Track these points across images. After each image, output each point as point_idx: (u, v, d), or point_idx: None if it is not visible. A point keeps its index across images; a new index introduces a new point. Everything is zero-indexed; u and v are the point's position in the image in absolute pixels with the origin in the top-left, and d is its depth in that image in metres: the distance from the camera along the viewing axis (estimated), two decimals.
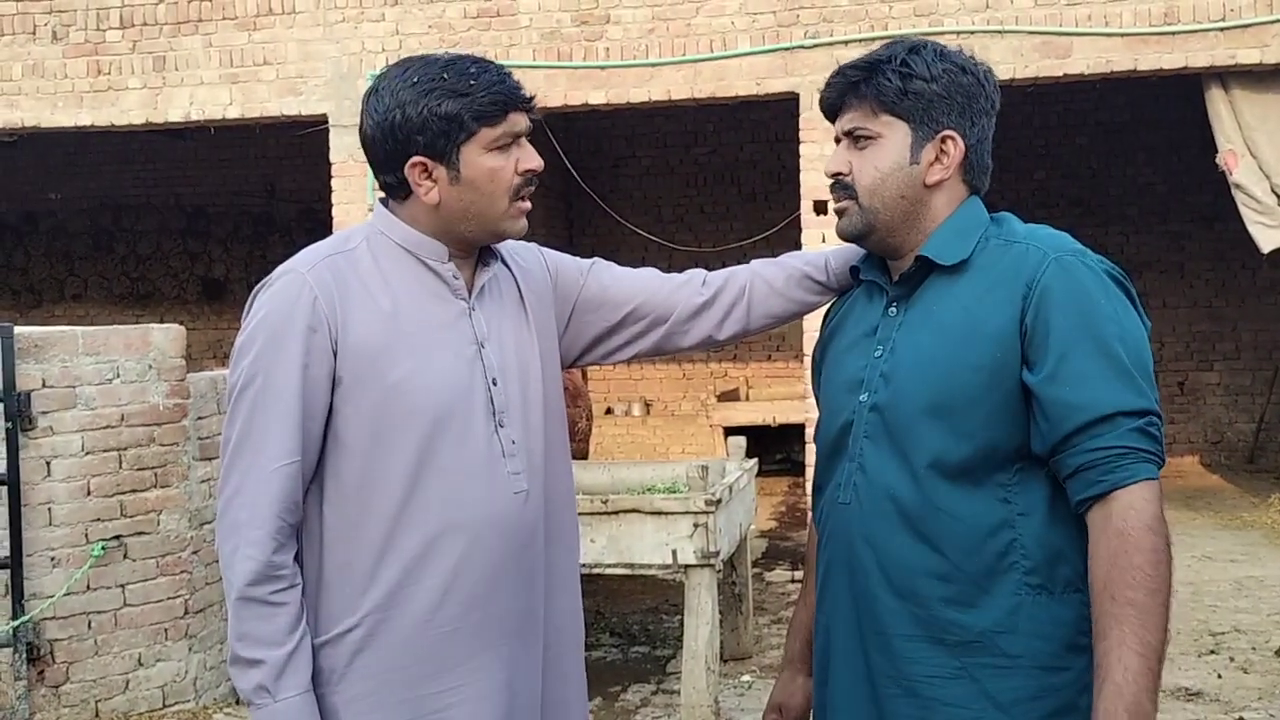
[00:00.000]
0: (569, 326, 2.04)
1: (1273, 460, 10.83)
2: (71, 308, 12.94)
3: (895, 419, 1.77)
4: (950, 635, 1.72)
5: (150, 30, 8.15)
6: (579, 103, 7.66)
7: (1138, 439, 1.64)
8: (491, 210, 1.82)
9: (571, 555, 1.98)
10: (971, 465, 1.71)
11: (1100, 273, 1.73)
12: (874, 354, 1.82)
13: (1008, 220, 1.85)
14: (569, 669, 1.96)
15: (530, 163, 1.83)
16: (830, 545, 1.87)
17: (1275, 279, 10.73)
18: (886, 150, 1.81)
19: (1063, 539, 1.71)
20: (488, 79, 1.78)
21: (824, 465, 1.92)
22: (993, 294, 1.73)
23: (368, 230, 1.88)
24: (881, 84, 1.79)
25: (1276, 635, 5.71)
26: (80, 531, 4.69)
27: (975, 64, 1.84)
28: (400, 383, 1.77)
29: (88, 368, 4.70)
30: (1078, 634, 1.69)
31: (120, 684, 4.78)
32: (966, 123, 1.81)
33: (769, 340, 11.60)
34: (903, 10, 7.23)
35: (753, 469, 5.60)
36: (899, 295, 1.84)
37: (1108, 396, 1.64)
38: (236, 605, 1.74)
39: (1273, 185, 7.03)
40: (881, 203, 1.81)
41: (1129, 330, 1.69)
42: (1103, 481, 1.63)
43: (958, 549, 1.71)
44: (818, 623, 1.92)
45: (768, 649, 5.80)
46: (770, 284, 2.09)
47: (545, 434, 1.90)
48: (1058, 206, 11.06)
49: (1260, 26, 6.84)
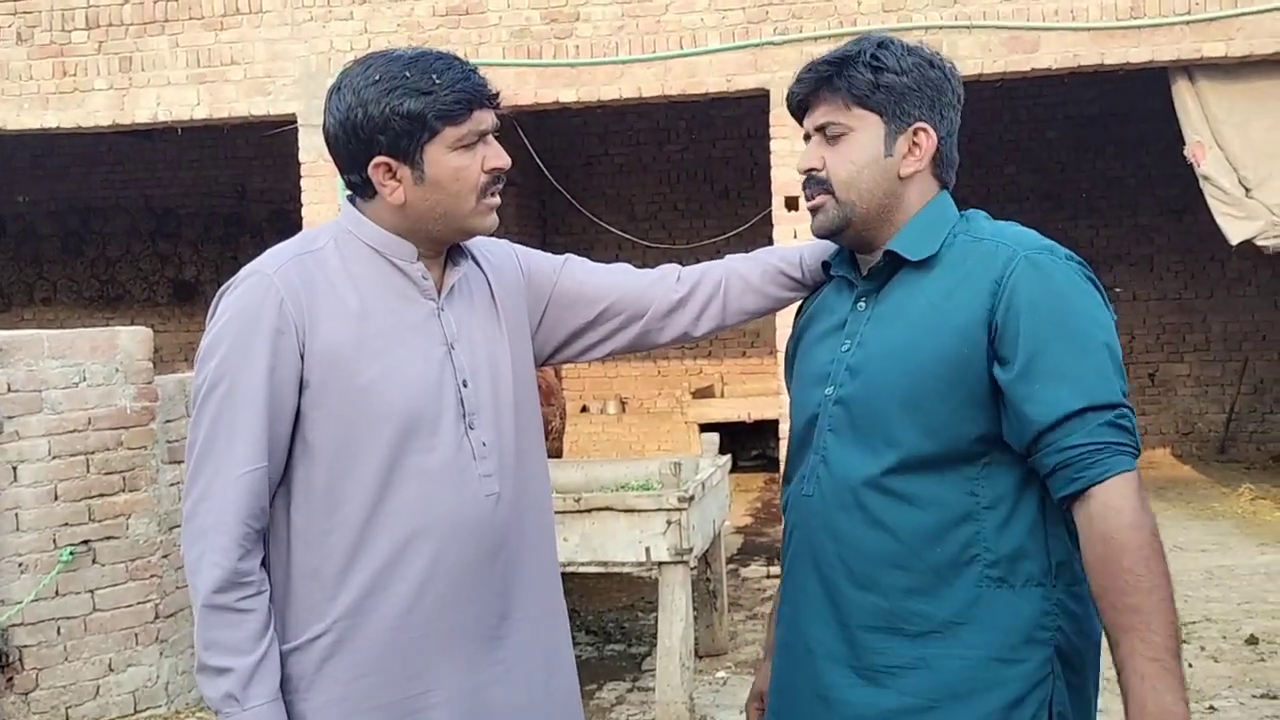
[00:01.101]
0: (542, 323, 2.01)
1: (1243, 450, 10.93)
2: (41, 311, 12.82)
3: (860, 411, 1.77)
4: (910, 625, 1.73)
5: (116, 31, 8.08)
6: (549, 101, 7.64)
7: (1109, 433, 1.65)
8: (458, 209, 1.80)
9: (549, 556, 1.95)
10: (937, 458, 1.72)
11: (1069, 268, 1.74)
12: (841, 348, 1.83)
13: (976, 217, 1.87)
14: (563, 672, 1.94)
15: (496, 161, 1.80)
16: (794, 536, 1.88)
17: (1244, 270, 10.82)
18: (861, 143, 1.81)
19: (1026, 535, 1.72)
20: (451, 76, 1.75)
21: (792, 458, 1.94)
22: (961, 289, 1.74)
23: (335, 229, 1.85)
24: (853, 77, 1.80)
25: (1247, 624, 5.76)
26: (48, 537, 4.65)
27: (941, 59, 1.86)
28: (369, 386, 1.74)
29: (54, 371, 4.65)
30: (1036, 628, 1.71)
31: (91, 690, 4.74)
32: (936, 115, 1.83)
33: (743, 337, 11.62)
34: (871, 6, 7.25)
35: (726, 465, 5.61)
36: (868, 290, 1.85)
37: (1077, 392, 1.65)
38: (203, 613, 1.72)
39: (1240, 177, 7.08)
40: (858, 195, 1.82)
41: (1099, 324, 1.71)
42: (1079, 479, 1.64)
43: (920, 539, 1.72)
44: (781, 612, 1.93)
45: (743, 645, 5.80)
46: (745, 280, 2.08)
47: (518, 435, 1.87)
48: (1027, 200, 11.12)
49: (1225, 20, 6.89)
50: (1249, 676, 5.04)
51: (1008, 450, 1.72)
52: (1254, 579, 6.63)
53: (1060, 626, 1.72)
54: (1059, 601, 1.72)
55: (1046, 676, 1.70)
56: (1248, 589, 6.43)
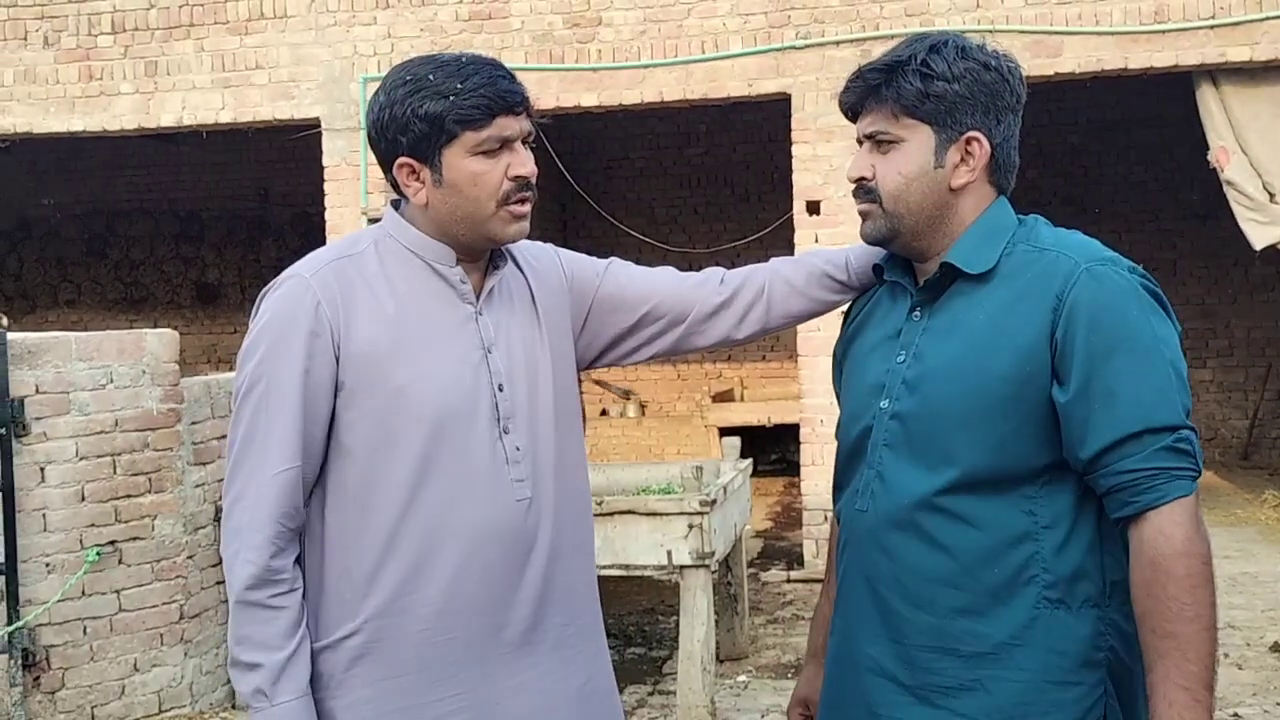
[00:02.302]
0: (585, 327, 2.00)
1: (1266, 456, 10.86)
2: (65, 313, 12.92)
3: (918, 428, 1.74)
4: (965, 646, 1.70)
5: (142, 35, 8.15)
6: (571, 105, 7.66)
7: (1166, 458, 1.61)
8: (478, 214, 1.79)
9: (586, 562, 1.94)
10: (996, 477, 1.69)
11: (1133, 282, 1.69)
12: (897, 359, 1.79)
13: (1036, 224, 1.81)
14: (600, 675, 1.93)
15: (521, 168, 1.79)
16: (848, 550, 1.85)
17: (1267, 276, 10.76)
18: (910, 154, 1.76)
19: (1084, 554, 1.69)
20: (476, 80, 1.75)
21: (843, 466, 1.90)
22: (1022, 304, 1.69)
23: (377, 233, 1.87)
24: (902, 87, 1.74)
25: (1271, 631, 5.73)
26: (75, 537, 4.68)
27: (999, 58, 1.79)
28: (403, 388, 1.75)
29: (81, 373, 4.69)
30: (1093, 649, 1.68)
31: (116, 689, 4.77)
32: (991, 121, 1.77)
33: (764, 341, 11.61)
34: (894, 10, 7.24)
35: (747, 469, 5.61)
36: (923, 300, 1.80)
37: (1135, 414, 1.61)
38: (236, 608, 1.75)
39: (1264, 182, 7.04)
40: (906, 208, 1.77)
41: (1162, 341, 1.66)
42: (1134, 503, 1.62)
43: (976, 559, 1.69)
44: (833, 624, 1.90)
45: (763, 649, 5.81)
46: (790, 283, 2.06)
47: (556, 440, 1.87)
48: (1050, 204, 11.07)
49: (1250, 24, 6.86)
50: (1273, 684, 5.01)
51: (1066, 468, 1.68)
52: (1278, 586, 6.60)
53: (1113, 647, 1.69)
54: (1113, 621, 1.69)
55: (1100, 697, 1.68)
56: (1272, 596, 6.39)
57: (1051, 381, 1.66)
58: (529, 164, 1.81)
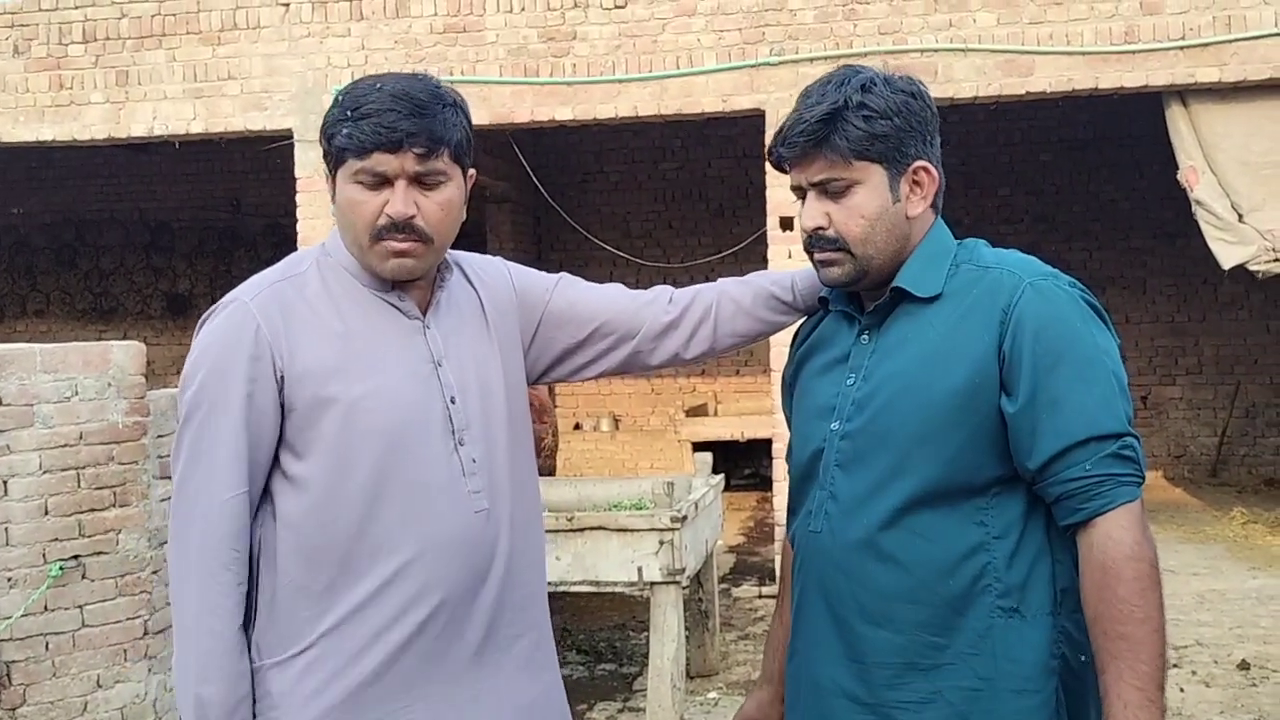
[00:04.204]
0: (534, 342, 2.01)
1: (1235, 474, 10.94)
2: (34, 323, 12.80)
3: (869, 446, 1.76)
4: (925, 660, 1.72)
5: (113, 44, 8.09)
6: (546, 118, 7.66)
7: (1112, 464, 1.66)
8: (359, 241, 1.78)
9: (538, 572, 1.95)
10: (949, 490, 1.71)
11: (1074, 296, 1.73)
12: (846, 381, 1.81)
13: (977, 245, 1.85)
14: (548, 688, 1.93)
15: (391, 208, 1.73)
16: (804, 572, 1.86)
17: (1236, 295, 10.85)
18: (868, 196, 1.77)
19: (1034, 563, 1.72)
20: (370, 109, 1.72)
21: (796, 489, 1.92)
22: (969, 320, 1.73)
23: (318, 252, 1.86)
24: (849, 132, 1.75)
25: (1239, 649, 5.76)
26: (38, 551, 4.62)
27: (916, 84, 1.83)
28: (354, 405, 1.75)
29: (46, 385, 4.63)
30: (1049, 657, 1.70)
31: (79, 706, 4.70)
32: (929, 147, 1.81)
33: (737, 356, 11.61)
34: (867, 29, 7.28)
35: (719, 485, 5.60)
36: (871, 323, 1.83)
37: (1081, 423, 1.66)
38: (185, 634, 1.73)
39: (1233, 202, 7.11)
40: (875, 249, 1.79)
41: (1104, 351, 1.71)
42: (1083, 510, 1.66)
43: (932, 573, 1.71)
44: (792, 647, 1.91)
45: (734, 665, 5.79)
46: (737, 303, 2.07)
47: (509, 452, 1.87)
48: (1022, 223, 11.15)
49: (1219, 45, 6.93)
50: (1240, 702, 5.03)
51: (1015, 480, 1.72)
52: (1245, 603, 6.63)
53: (1064, 654, 1.71)
54: (1064, 629, 1.71)
55: (1056, 705, 1.70)
56: (1239, 613, 6.42)
57: (1000, 393, 1.70)
58: (403, 206, 1.74)
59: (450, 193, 1.78)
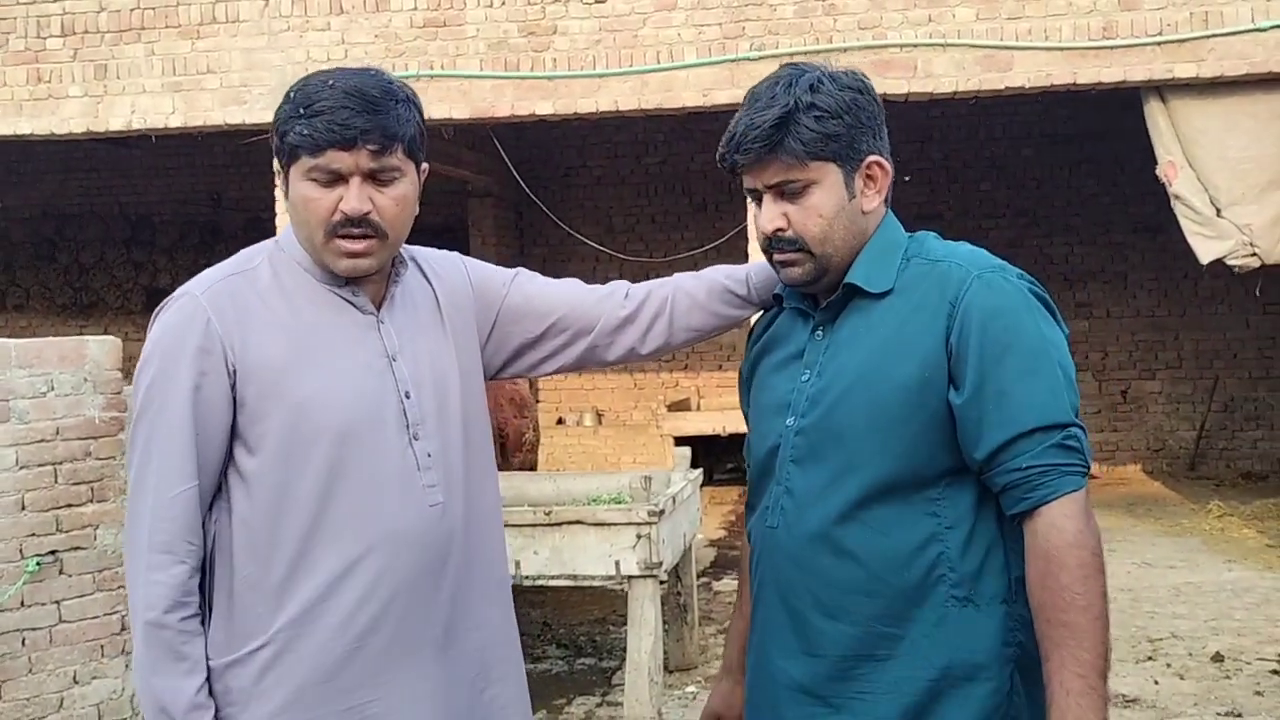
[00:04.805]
0: (491, 337, 2.01)
1: (1213, 468, 11.01)
2: (13, 318, 12.74)
3: (823, 440, 1.77)
4: (880, 651, 1.74)
5: (92, 38, 8.05)
6: (526, 113, 7.65)
7: (1057, 454, 1.67)
8: (313, 239, 1.78)
9: (497, 567, 1.95)
10: (902, 482, 1.73)
11: (1021, 288, 1.75)
12: (801, 378, 1.83)
13: (926, 238, 1.86)
14: (505, 681, 1.93)
15: (345, 205, 1.73)
16: (761, 567, 1.88)
17: (1216, 289, 10.91)
18: (825, 195, 1.78)
19: (987, 552, 1.74)
20: (324, 105, 1.72)
21: (754, 486, 1.94)
22: (919, 314, 1.75)
23: (271, 247, 1.87)
24: (802, 134, 1.75)
25: (1213, 641, 5.79)
26: (14, 547, 4.60)
27: (861, 80, 1.83)
28: (307, 399, 1.75)
29: (21, 380, 4.62)
30: (1004, 644, 1.73)
31: (55, 702, 4.69)
32: (879, 142, 1.83)
33: (720, 350, 11.63)
34: (847, 24, 7.29)
35: (697, 479, 5.61)
36: (825, 319, 1.85)
37: (1027, 413, 1.68)
38: (146, 630, 1.72)
39: (1211, 197, 7.15)
40: (834, 247, 1.80)
41: (1051, 343, 1.72)
42: (1028, 499, 1.68)
43: (887, 565, 1.73)
44: (750, 641, 1.93)
45: (713, 659, 5.80)
46: (692, 297, 2.08)
47: (466, 446, 1.87)
48: (1003, 217, 11.19)
49: (1196, 41, 6.96)
50: (1214, 694, 5.07)
51: (967, 471, 1.74)
52: (1221, 596, 6.68)
53: (1021, 641, 1.73)
54: (1020, 616, 1.73)
55: (1009, 691, 1.72)
56: (1214, 606, 6.47)
57: (949, 385, 1.72)
58: (357, 203, 1.73)
59: (404, 188, 1.79)
